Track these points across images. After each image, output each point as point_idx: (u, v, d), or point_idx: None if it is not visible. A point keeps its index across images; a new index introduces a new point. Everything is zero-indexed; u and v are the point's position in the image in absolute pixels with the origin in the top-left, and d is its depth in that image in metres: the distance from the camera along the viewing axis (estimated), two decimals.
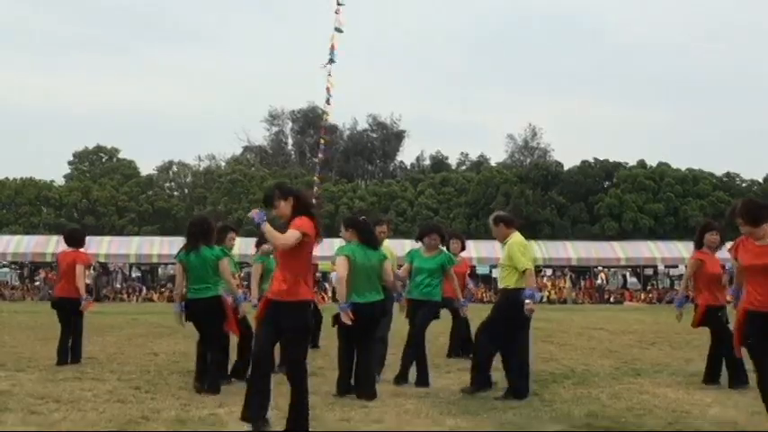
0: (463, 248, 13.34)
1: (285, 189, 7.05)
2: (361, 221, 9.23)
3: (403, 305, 10.25)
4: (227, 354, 9.85)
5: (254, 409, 6.74)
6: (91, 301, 12.56)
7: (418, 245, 10.80)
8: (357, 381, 9.00)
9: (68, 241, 12.34)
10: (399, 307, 10.24)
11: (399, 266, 11.00)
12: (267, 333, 6.81)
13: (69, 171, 72.40)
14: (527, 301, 8.81)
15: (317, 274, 36.19)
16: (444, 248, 10.74)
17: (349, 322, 8.51)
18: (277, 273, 6.96)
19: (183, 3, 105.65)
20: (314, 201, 7.31)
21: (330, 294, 35.85)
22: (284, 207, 6.91)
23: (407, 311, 10.19)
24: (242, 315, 9.92)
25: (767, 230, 6.90)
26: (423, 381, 9.82)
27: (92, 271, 36.18)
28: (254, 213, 6.79)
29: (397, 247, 12.05)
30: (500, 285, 9.58)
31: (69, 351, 11.67)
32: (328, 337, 11.73)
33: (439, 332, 12.97)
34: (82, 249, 12.34)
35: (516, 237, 9.31)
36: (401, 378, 9.94)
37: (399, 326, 10.64)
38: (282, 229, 6.86)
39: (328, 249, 19.91)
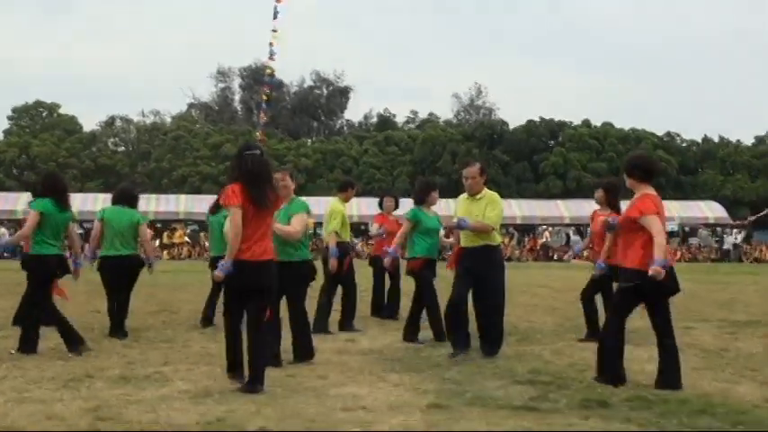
0: (396, 207, 13.40)
1: (234, 154, 7.42)
2: None
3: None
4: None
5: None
6: None
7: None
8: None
9: None
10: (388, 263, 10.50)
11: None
12: None
13: (8, 126, 70.86)
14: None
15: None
16: None
17: None
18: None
19: None
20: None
21: None
22: (233, 167, 7.30)
23: (418, 270, 10.07)
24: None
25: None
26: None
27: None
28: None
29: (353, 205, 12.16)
30: (468, 242, 9.11)
31: None
32: None
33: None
34: None
35: (495, 194, 9.25)
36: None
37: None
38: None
39: None
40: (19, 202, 42.91)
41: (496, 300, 9.01)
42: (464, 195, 9.26)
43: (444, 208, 47.45)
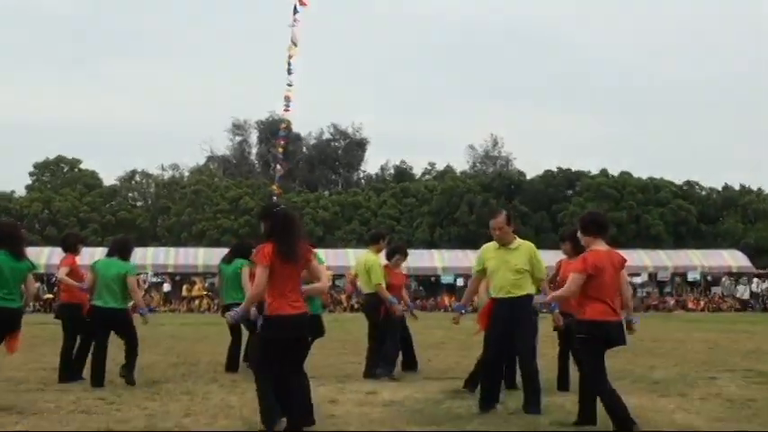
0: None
1: (264, 211, 7.73)
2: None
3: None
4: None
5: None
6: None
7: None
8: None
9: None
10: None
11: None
12: None
13: (30, 182, 71.61)
14: (557, 311, 8.88)
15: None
16: None
17: None
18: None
19: (141, 16, 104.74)
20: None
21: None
22: (264, 227, 7.40)
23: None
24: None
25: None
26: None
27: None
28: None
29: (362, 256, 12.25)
30: (504, 293, 8.87)
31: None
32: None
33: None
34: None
35: (531, 243, 9.16)
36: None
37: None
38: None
39: None
40: (42, 256, 43.07)
41: (526, 344, 8.82)
42: (493, 245, 9.10)
43: (463, 258, 47.77)
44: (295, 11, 26.19)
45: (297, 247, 7.23)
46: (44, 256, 42.84)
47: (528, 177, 63.92)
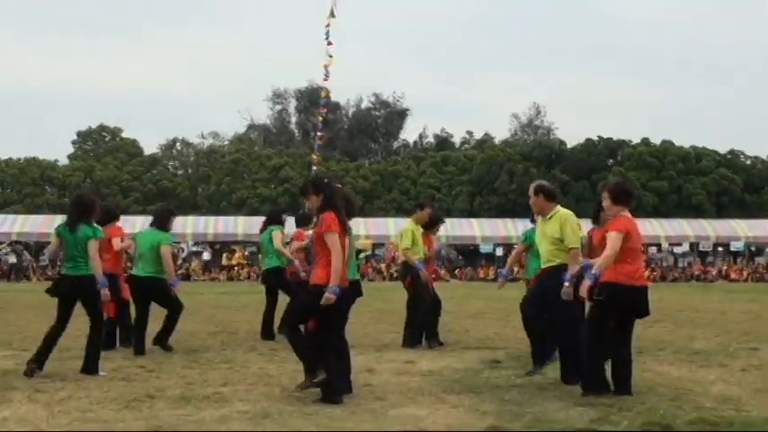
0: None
1: (317, 184, 7.86)
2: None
3: None
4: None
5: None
6: None
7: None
8: None
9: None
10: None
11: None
12: None
13: (73, 151, 72.41)
14: (566, 283, 8.29)
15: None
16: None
17: None
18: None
19: None
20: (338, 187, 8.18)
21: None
22: (315, 200, 7.71)
23: None
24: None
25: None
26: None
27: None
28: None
29: (401, 225, 12.27)
30: (545, 262, 8.92)
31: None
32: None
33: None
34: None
35: (568, 212, 8.98)
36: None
37: None
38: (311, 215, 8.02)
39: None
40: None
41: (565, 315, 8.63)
42: (540, 218, 9.15)
43: (502, 228, 47.71)
44: None
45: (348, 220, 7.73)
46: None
47: (569, 146, 63.54)
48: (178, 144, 72.42)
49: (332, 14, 26.90)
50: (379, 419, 6.71)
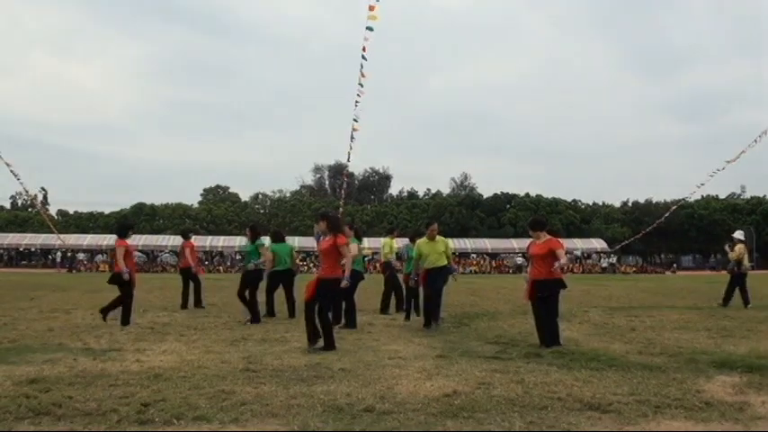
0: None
1: (323, 215, 7.19)
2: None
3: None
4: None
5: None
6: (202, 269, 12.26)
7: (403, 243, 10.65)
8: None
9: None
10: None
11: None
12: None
13: (201, 198, 72.76)
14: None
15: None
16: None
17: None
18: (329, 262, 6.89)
19: (270, 104, 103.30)
20: (339, 217, 7.82)
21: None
22: (322, 225, 7.02)
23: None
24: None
25: (540, 236, 7.11)
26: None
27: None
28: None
29: (385, 241, 11.65)
30: (433, 263, 8.52)
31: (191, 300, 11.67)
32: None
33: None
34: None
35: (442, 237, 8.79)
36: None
37: None
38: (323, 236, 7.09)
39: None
40: (206, 241, 44.92)
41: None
42: (424, 240, 8.71)
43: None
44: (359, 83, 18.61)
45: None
46: (207, 241, 46.76)
47: (484, 197, 63.86)
48: (260, 196, 72.30)
49: (369, 29, 16.46)
50: (375, 352, 6.58)
